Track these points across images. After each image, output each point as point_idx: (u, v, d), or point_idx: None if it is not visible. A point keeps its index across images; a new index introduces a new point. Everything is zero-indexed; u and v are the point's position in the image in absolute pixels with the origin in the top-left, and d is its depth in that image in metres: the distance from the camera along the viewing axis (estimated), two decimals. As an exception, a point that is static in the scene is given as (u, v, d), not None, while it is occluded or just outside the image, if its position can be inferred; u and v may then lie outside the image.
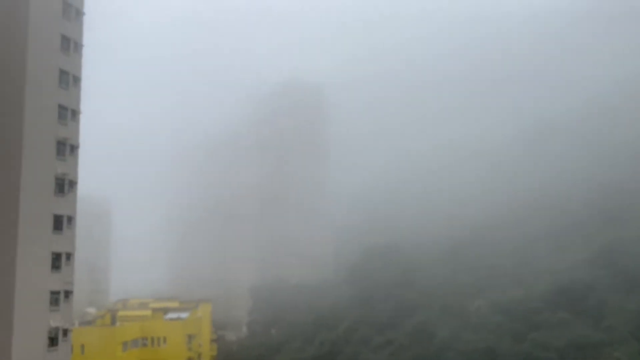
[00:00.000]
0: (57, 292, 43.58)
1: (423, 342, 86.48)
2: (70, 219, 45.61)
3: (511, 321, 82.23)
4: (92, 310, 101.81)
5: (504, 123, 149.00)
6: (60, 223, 44.44)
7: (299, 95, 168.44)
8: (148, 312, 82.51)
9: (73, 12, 46.77)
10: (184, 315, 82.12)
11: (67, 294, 44.76)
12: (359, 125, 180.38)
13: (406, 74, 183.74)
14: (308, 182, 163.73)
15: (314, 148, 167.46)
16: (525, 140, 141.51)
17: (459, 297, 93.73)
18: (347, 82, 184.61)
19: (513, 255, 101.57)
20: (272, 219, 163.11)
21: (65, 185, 44.98)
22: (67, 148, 45.44)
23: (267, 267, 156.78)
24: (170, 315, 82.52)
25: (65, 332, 44.05)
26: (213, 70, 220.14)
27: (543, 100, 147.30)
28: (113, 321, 76.95)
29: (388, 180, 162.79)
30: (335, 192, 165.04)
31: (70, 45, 46.25)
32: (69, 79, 45.92)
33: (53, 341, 42.72)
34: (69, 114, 45.68)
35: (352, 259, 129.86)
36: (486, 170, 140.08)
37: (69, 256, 45.21)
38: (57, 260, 43.95)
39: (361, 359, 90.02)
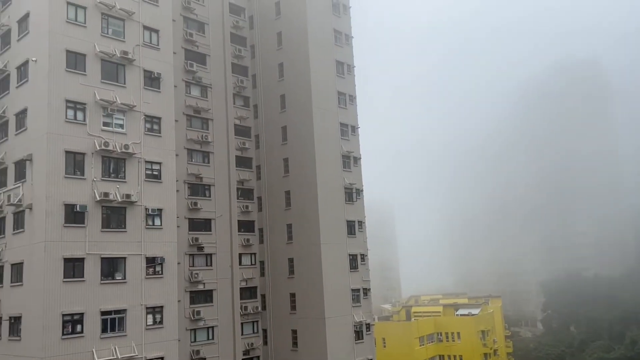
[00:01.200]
0: (357, 290, 48.40)
1: None
2: (361, 224, 50.29)
3: None
4: (387, 306, 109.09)
5: None
6: (353, 228, 49.34)
7: (576, 73, 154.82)
8: (439, 308, 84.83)
9: (343, 39, 52.00)
10: (474, 311, 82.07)
11: (366, 291, 49.33)
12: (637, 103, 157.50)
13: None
14: (596, 165, 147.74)
15: (598, 129, 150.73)
16: None
17: None
18: (620, 61, 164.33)
19: None
20: (558, 209, 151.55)
21: (353, 194, 49.84)
22: (351, 160, 50.41)
23: (557, 259, 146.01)
24: (461, 311, 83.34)
25: (368, 327, 48.56)
26: (479, 65, 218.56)
27: None
28: (408, 317, 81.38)
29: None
30: (629, 173, 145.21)
31: (344, 68, 51.43)
32: (346, 99, 51.01)
33: (359, 334, 47.50)
34: (349, 130, 50.69)
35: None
36: None
37: (363, 257, 49.82)
38: (354, 261, 48.80)
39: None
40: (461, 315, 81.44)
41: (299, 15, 49.72)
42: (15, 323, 31.17)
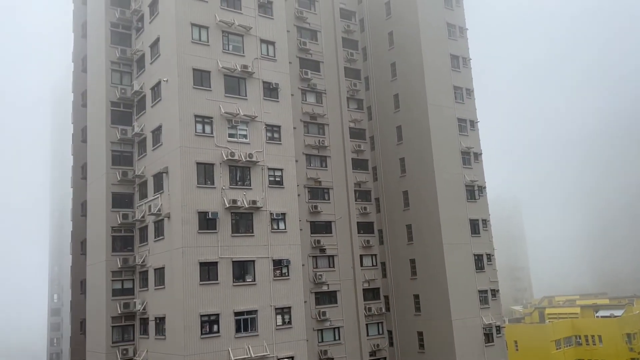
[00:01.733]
0: (484, 291, 46.64)
1: None
2: (485, 222, 48.45)
3: None
4: (518, 308, 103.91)
5: None
6: (476, 226, 47.68)
7: None
8: (576, 310, 79.22)
9: (457, 31, 50.58)
10: (617, 312, 75.52)
11: (494, 292, 47.38)
12: None
13: None
14: None
15: None
16: None
17: None
18: None
19: None
20: None
21: (475, 191, 48.18)
22: (471, 156, 48.77)
23: None
24: (602, 312, 77.14)
25: (499, 329, 46.58)
26: (604, 45, 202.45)
27: None
28: (541, 319, 76.91)
29: None
30: None
31: (459, 61, 49.99)
32: (463, 93, 49.52)
33: (488, 337, 45.72)
34: (467, 124, 49.13)
35: None
36: None
37: (489, 257, 47.92)
38: (479, 262, 47.12)
39: None
40: (602, 317, 75.35)
41: (410, 12, 49.21)
42: (160, 323, 33.98)
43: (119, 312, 36.18)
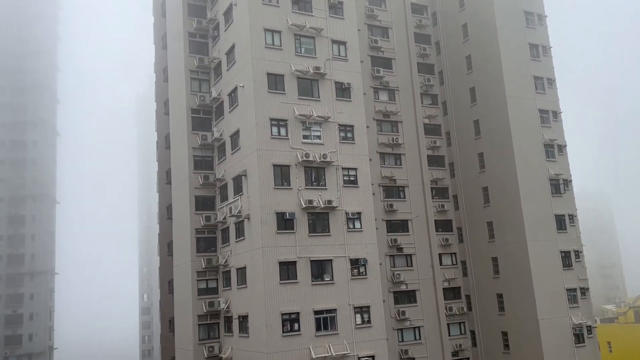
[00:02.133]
0: (573, 290, 44.42)
1: None
2: (572, 217, 46.14)
3: None
4: (611, 307, 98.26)
5: None
6: (563, 222, 45.50)
7: None
8: (676, 309, 73.77)
9: (535, 19, 48.52)
10: None
11: (584, 291, 45.02)
12: None
13: None
14: None
15: None
16: None
17: None
18: None
19: None
20: None
21: (560, 185, 45.99)
22: (555, 149, 46.62)
23: None
24: None
25: (590, 329, 44.24)
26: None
27: None
28: (637, 318, 72.30)
29: None
30: None
31: (539, 50, 47.90)
32: (544, 83, 47.41)
33: (579, 338, 43.51)
34: (550, 116, 46.99)
35: None
36: None
37: (577, 254, 45.60)
38: (567, 259, 44.93)
39: None
40: None
41: (484, 2, 47.77)
42: (243, 321, 34.98)
43: (205, 310, 37.53)
